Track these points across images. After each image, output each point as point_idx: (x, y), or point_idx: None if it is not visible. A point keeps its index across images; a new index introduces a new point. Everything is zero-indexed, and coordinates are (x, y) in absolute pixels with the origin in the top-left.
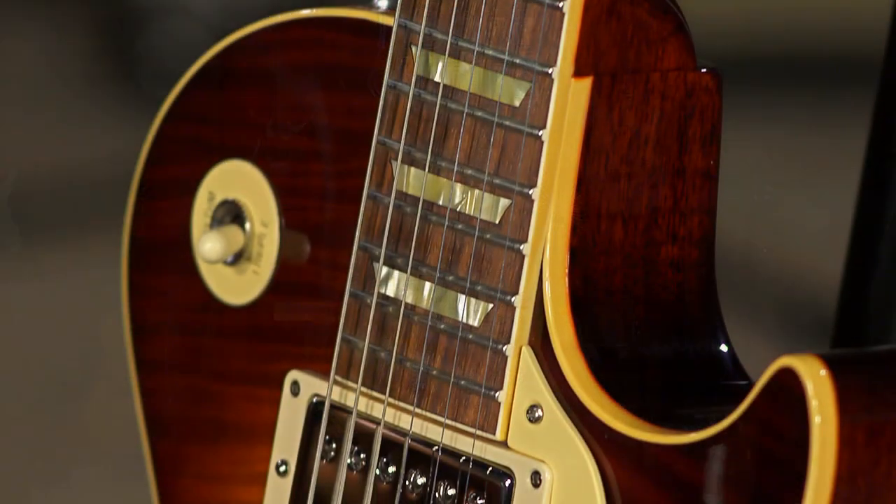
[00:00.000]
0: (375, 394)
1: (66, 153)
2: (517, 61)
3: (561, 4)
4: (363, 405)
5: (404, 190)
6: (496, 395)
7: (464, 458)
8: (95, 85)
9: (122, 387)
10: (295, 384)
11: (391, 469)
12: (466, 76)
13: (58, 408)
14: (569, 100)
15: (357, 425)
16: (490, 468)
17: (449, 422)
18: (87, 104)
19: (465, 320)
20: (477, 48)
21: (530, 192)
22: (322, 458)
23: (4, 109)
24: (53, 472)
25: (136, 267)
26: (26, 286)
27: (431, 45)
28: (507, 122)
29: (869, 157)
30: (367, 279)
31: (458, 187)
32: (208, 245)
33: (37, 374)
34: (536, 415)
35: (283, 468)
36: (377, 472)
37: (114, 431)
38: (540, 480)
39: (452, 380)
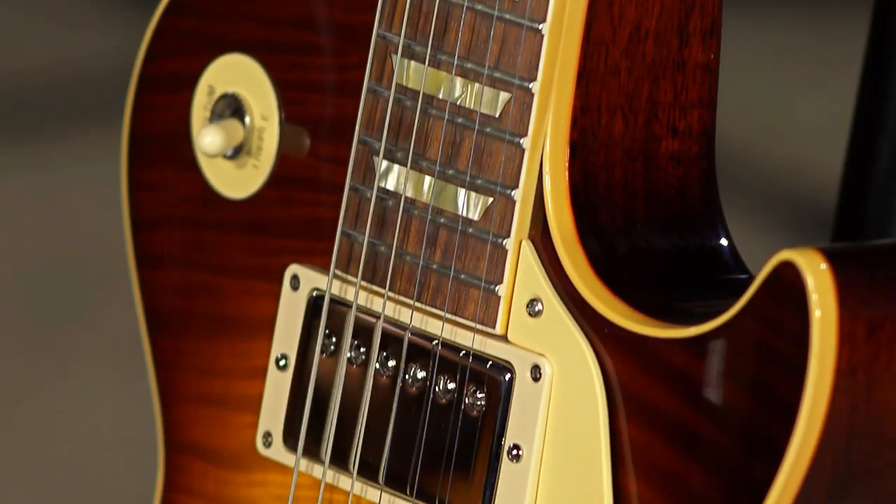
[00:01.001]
0: (375, 288)
1: (65, 49)
2: None
3: None
4: (363, 299)
5: (404, 83)
6: (496, 288)
7: (463, 352)
8: None
9: (122, 282)
10: (295, 278)
11: (391, 363)
12: None
13: (57, 303)
14: None
15: (357, 319)
16: (490, 362)
17: (449, 316)
18: None
19: (464, 214)
20: None
21: (530, 85)
22: (322, 352)
23: (3, 2)
24: (53, 368)
25: (135, 161)
26: (26, 181)
27: None
28: (508, 16)
29: (869, 51)
30: (367, 173)
31: (458, 81)
32: (208, 139)
33: (36, 269)
34: (536, 309)
35: (282, 362)
36: (377, 366)
37: (114, 327)
38: (540, 374)
39: (452, 274)
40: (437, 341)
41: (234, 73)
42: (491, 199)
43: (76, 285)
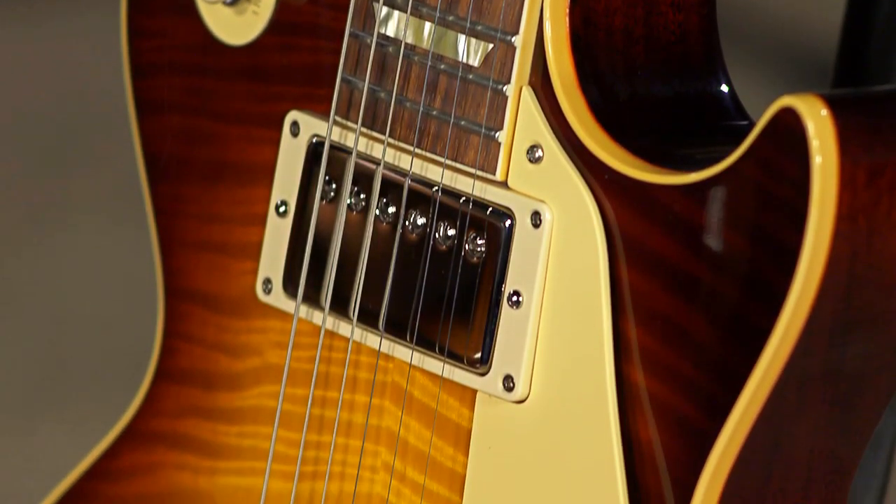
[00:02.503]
0: (375, 134)
1: None
2: None
3: None
4: (363, 145)
5: None
6: (496, 135)
7: (463, 198)
8: None
9: (122, 131)
10: (294, 124)
11: (391, 209)
12: None
13: (56, 154)
14: None
15: (357, 165)
16: (490, 208)
17: (449, 162)
18: None
19: (465, 60)
20: None
21: None
22: (322, 198)
23: None
24: (53, 220)
25: (135, 9)
26: (25, 32)
27: None
28: None
29: None
30: (367, 19)
31: None
32: None
33: (36, 119)
34: (536, 155)
35: (282, 209)
36: (377, 212)
37: (113, 177)
38: (540, 220)
39: (452, 120)
40: (437, 188)
41: None
42: (491, 46)
43: (76, 135)
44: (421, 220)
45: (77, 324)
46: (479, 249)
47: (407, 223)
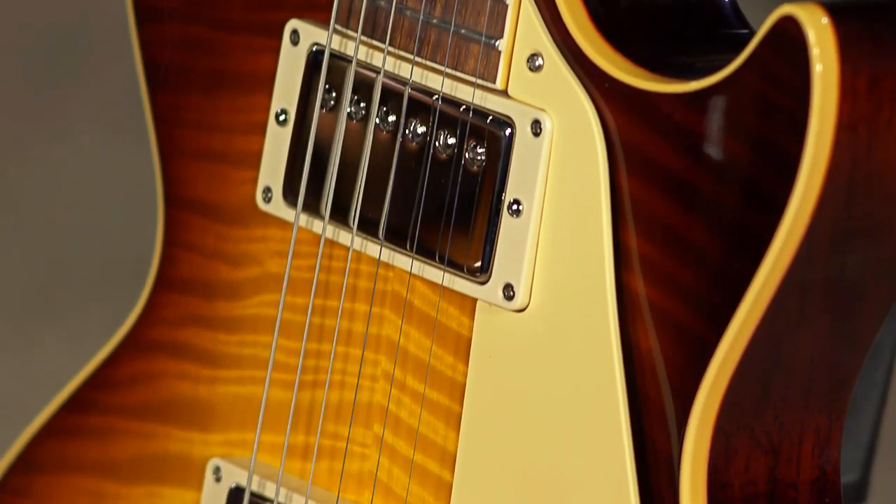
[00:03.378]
0: (375, 43)
1: None
2: None
3: None
4: (363, 54)
5: None
6: (496, 43)
7: (464, 107)
8: None
9: (122, 39)
10: (294, 33)
11: (391, 118)
12: None
13: (55, 63)
14: None
15: (357, 74)
16: (490, 117)
17: (449, 70)
18: None
19: None
20: None
21: None
22: (322, 106)
23: None
24: (52, 131)
25: None
26: None
27: None
28: None
29: None
30: None
31: None
32: None
33: (35, 30)
34: (537, 63)
35: (282, 117)
36: (377, 120)
37: (113, 87)
38: (540, 129)
39: (452, 28)
40: (437, 96)
41: None
42: None
43: (75, 45)
44: (421, 129)
45: (77, 234)
46: (479, 158)
47: (407, 132)
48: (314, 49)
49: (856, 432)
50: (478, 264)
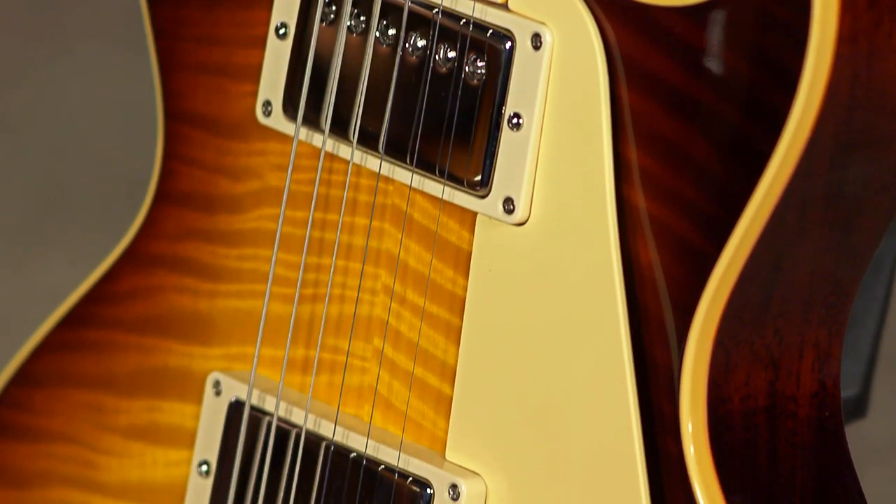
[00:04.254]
0: None
1: None
2: None
3: None
4: None
5: None
6: None
7: (463, 20)
8: None
9: None
10: None
11: (391, 32)
12: None
13: None
14: None
15: None
16: (490, 31)
17: None
18: None
19: None
20: None
21: None
22: (322, 20)
23: None
24: (51, 46)
25: None
26: None
27: None
28: None
29: None
30: None
31: None
32: None
33: None
34: None
35: (282, 31)
36: (377, 34)
37: (112, 0)
38: (540, 42)
39: None
40: (436, 10)
41: None
42: None
43: None
44: (421, 43)
45: (77, 150)
46: (479, 72)
47: (407, 45)
48: None
49: (856, 346)
50: (478, 178)
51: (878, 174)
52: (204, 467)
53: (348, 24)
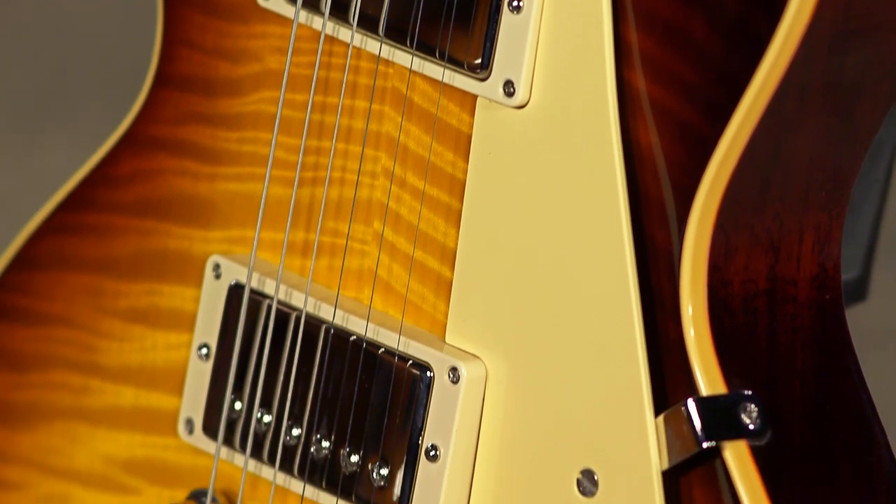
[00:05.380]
0: None
1: None
2: None
3: None
4: None
5: None
6: None
7: None
8: None
9: None
10: None
11: None
12: None
13: None
14: None
15: None
16: None
17: None
18: None
19: None
20: None
21: None
22: None
23: None
24: None
25: None
26: None
27: None
28: None
29: None
30: None
31: None
32: None
33: None
34: None
35: None
36: None
37: None
38: None
39: None
40: None
41: None
42: None
43: None
44: None
45: (77, 34)
46: None
47: None
48: None
49: (856, 230)
50: (478, 61)
51: (877, 61)
52: (204, 350)
53: None
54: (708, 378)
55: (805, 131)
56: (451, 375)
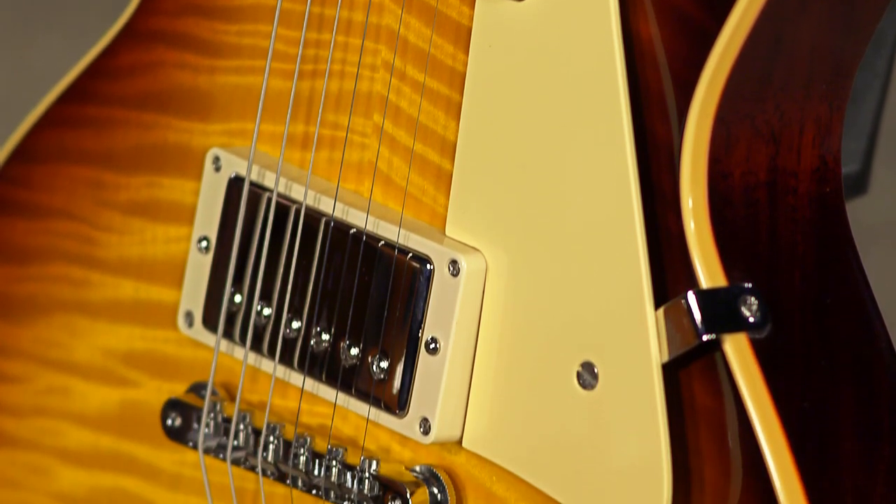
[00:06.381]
0: None
1: None
2: None
3: None
4: None
5: None
6: None
7: None
8: None
9: None
10: None
11: None
12: None
13: None
14: None
15: None
16: None
17: None
18: None
19: None
20: None
21: None
22: None
23: None
24: None
25: None
26: None
27: None
28: None
29: None
30: None
31: None
32: None
33: None
34: None
35: None
36: None
37: None
38: None
39: None
40: None
41: None
42: None
43: None
44: None
45: None
46: None
47: None
48: None
49: (857, 122)
50: None
51: None
52: (203, 243)
53: None
54: (708, 271)
55: (807, 20)
56: (451, 268)
